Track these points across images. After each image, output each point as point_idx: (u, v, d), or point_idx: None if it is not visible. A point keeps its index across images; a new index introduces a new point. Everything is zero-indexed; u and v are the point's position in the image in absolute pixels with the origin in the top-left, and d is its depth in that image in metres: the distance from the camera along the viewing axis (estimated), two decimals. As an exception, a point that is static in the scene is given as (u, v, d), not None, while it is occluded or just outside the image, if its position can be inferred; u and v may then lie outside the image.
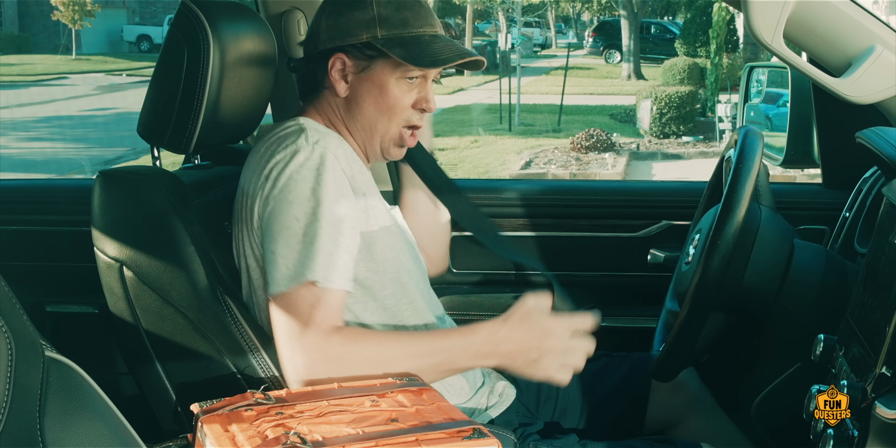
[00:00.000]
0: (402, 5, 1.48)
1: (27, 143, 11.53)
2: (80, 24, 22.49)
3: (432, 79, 1.53)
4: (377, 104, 1.49)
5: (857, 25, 1.29)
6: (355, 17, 1.47)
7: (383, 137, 1.52)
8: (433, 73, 1.51)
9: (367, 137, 1.53)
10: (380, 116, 1.50)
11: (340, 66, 1.49)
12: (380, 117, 1.50)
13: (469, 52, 1.50)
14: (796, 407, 1.18)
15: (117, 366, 2.08)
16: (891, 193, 1.26)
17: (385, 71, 1.47)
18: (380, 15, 1.46)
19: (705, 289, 1.38)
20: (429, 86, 1.52)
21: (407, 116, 1.51)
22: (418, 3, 1.50)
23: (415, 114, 1.52)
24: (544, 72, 20.59)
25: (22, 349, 0.85)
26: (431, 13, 1.51)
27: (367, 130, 1.52)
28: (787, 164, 2.19)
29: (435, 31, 1.50)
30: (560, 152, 10.54)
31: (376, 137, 1.52)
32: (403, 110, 1.50)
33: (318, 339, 1.33)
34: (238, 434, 1.12)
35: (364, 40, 1.46)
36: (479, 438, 1.10)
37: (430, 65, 1.46)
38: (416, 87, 1.50)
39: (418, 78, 1.50)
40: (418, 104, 1.51)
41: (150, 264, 1.49)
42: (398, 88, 1.48)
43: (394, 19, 1.46)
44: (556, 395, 1.76)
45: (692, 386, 1.78)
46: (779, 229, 1.51)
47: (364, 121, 1.51)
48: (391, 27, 1.46)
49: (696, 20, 17.76)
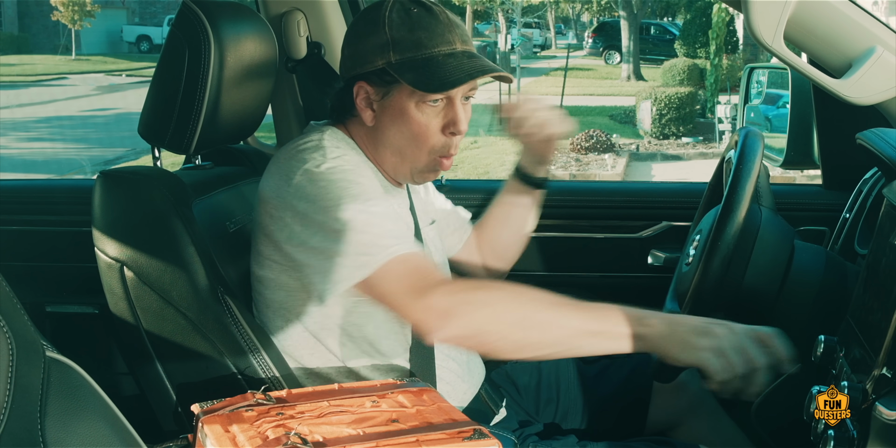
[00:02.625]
0: (416, 26, 1.39)
1: (27, 143, 11.53)
2: (79, 24, 22.51)
3: (463, 96, 1.44)
4: (402, 132, 1.42)
5: (858, 27, 1.29)
6: (370, 42, 1.40)
7: (413, 165, 1.46)
8: (457, 92, 1.42)
9: (397, 164, 1.47)
10: (407, 144, 1.43)
11: (364, 94, 1.43)
12: (407, 145, 1.43)
13: (484, 68, 1.40)
14: (797, 408, 1.18)
15: (118, 366, 2.08)
16: (891, 194, 1.26)
17: (403, 97, 1.40)
18: (393, 38, 1.39)
19: (706, 289, 1.38)
20: (456, 107, 1.42)
21: (436, 144, 1.43)
22: (434, 20, 1.40)
23: (446, 140, 1.43)
24: (544, 73, 20.57)
25: (23, 349, 0.85)
26: (451, 27, 1.41)
27: (396, 157, 1.46)
28: (787, 165, 2.20)
29: (452, 47, 1.40)
30: (559, 153, 10.54)
31: (406, 165, 1.46)
32: (431, 137, 1.42)
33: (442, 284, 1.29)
34: (239, 434, 1.12)
35: (380, 66, 1.40)
36: (479, 439, 1.10)
37: (438, 89, 1.37)
38: (442, 111, 1.42)
39: (441, 100, 1.41)
40: (447, 128, 1.42)
41: (150, 264, 1.49)
42: (421, 114, 1.41)
43: (407, 42, 1.39)
44: (556, 398, 1.76)
45: (693, 387, 1.78)
46: (779, 230, 1.51)
47: (392, 149, 1.45)
48: (404, 50, 1.38)
49: (696, 21, 17.76)
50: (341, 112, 1.50)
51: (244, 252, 1.67)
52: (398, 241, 1.33)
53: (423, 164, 1.46)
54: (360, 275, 1.32)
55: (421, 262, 1.33)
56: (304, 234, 1.36)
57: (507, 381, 1.77)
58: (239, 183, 1.80)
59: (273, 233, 1.41)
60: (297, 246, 1.37)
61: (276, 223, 1.40)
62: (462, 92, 1.42)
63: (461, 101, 1.43)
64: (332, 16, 2.18)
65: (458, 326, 1.26)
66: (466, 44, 1.43)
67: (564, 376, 1.78)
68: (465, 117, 1.44)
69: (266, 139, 2.36)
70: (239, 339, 1.48)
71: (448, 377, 1.56)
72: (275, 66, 1.78)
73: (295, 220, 1.37)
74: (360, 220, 1.33)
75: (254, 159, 1.93)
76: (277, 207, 1.39)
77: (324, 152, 1.40)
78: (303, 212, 1.36)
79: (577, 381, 1.77)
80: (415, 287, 1.29)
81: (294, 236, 1.37)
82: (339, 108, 1.50)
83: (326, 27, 2.18)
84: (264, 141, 2.35)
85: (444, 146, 1.44)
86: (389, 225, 1.36)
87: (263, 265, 1.47)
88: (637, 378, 1.77)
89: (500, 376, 1.77)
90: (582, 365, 1.80)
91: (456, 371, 1.58)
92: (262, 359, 1.48)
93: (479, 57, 1.43)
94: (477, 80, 1.41)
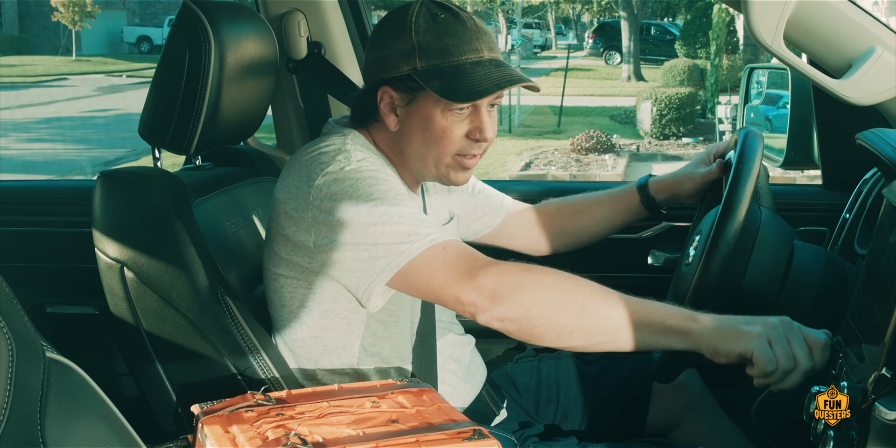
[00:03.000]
0: (443, 32, 1.38)
1: (27, 144, 11.54)
2: (80, 25, 22.52)
3: (489, 104, 1.43)
4: (425, 138, 1.42)
5: (858, 27, 1.29)
6: (396, 47, 1.39)
7: (437, 165, 1.44)
8: (483, 101, 1.40)
9: (421, 167, 1.46)
10: (430, 149, 1.42)
11: (388, 100, 1.43)
12: (430, 150, 1.43)
13: (511, 78, 1.39)
14: (797, 408, 1.18)
15: (118, 367, 2.08)
16: (891, 195, 1.26)
17: (429, 104, 1.39)
18: (419, 45, 1.38)
19: (705, 289, 1.38)
20: (482, 114, 1.41)
21: (459, 147, 1.42)
22: (462, 27, 1.39)
23: (469, 144, 1.43)
24: (544, 73, 20.57)
25: (23, 350, 0.85)
26: (478, 35, 1.40)
27: (420, 162, 1.45)
28: (787, 165, 2.19)
29: (480, 55, 1.39)
30: (560, 154, 10.55)
31: (430, 166, 1.45)
32: (455, 141, 1.41)
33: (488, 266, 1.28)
34: (239, 435, 1.12)
35: (405, 72, 1.39)
36: (479, 439, 1.10)
37: (465, 99, 1.36)
38: (468, 118, 1.41)
39: (467, 108, 1.40)
40: (472, 134, 1.42)
41: (150, 265, 1.49)
42: (446, 120, 1.40)
43: (433, 49, 1.37)
44: (556, 399, 1.76)
45: (693, 388, 1.78)
46: (779, 230, 1.51)
47: (416, 154, 1.44)
48: (430, 57, 1.37)
49: (696, 21, 17.78)
50: (364, 115, 1.49)
51: (244, 252, 1.68)
52: (435, 230, 1.33)
53: (445, 164, 1.45)
54: (399, 262, 1.30)
55: (462, 247, 1.32)
56: (332, 233, 1.35)
57: (508, 382, 1.77)
58: (239, 184, 1.80)
59: (293, 234, 1.40)
60: (324, 246, 1.36)
61: (298, 224, 1.38)
62: (488, 100, 1.41)
63: (487, 108, 1.43)
64: (332, 16, 2.18)
65: (506, 308, 1.25)
66: (493, 51, 1.42)
67: (564, 377, 1.78)
68: (490, 125, 1.42)
69: (266, 140, 2.36)
70: (239, 339, 1.48)
71: (450, 379, 1.56)
72: (275, 67, 1.78)
73: (319, 219, 1.36)
74: (393, 213, 1.32)
75: (254, 160, 1.93)
76: (298, 208, 1.38)
77: (347, 155, 1.40)
78: (328, 210, 1.35)
79: (576, 381, 1.77)
80: (463, 269, 1.28)
81: (319, 236, 1.36)
82: (363, 112, 1.48)
83: (326, 27, 2.18)
84: (264, 142, 2.35)
85: (466, 147, 1.43)
86: (421, 215, 1.36)
87: (280, 265, 1.46)
88: (637, 378, 1.77)
89: (500, 377, 1.77)
90: (582, 365, 1.80)
91: (458, 373, 1.58)
92: (261, 359, 1.48)
93: (506, 65, 1.42)
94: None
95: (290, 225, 1.40)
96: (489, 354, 2.11)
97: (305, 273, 1.43)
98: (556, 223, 1.77)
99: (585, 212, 1.76)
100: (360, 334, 1.47)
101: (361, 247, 1.33)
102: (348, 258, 1.35)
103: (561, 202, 1.79)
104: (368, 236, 1.32)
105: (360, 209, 1.33)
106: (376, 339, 1.48)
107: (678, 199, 1.75)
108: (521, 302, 1.24)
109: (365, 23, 2.26)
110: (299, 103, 2.26)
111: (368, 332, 1.47)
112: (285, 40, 2.14)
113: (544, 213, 1.78)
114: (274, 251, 1.46)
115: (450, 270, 1.29)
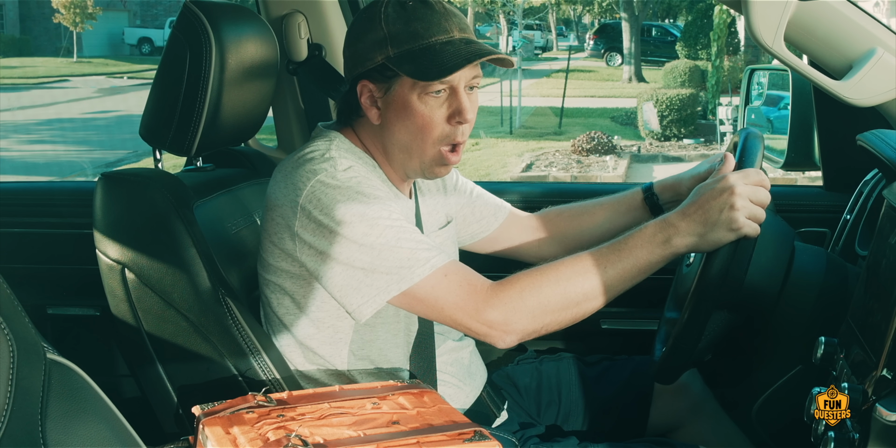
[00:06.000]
0: (411, 18, 1.38)
1: (28, 145, 11.55)
2: (81, 26, 22.53)
3: (467, 86, 1.42)
4: (407, 127, 1.41)
5: (858, 28, 1.29)
6: (368, 39, 1.40)
7: (422, 159, 1.44)
8: (460, 81, 1.40)
9: (405, 160, 1.46)
10: (413, 138, 1.42)
11: (368, 93, 1.43)
12: (413, 139, 1.42)
13: (481, 51, 1.38)
14: (797, 409, 1.18)
15: (119, 368, 2.08)
16: (891, 196, 1.26)
17: (405, 89, 1.39)
18: (390, 33, 1.38)
19: (706, 290, 1.38)
20: (460, 95, 1.40)
21: (442, 133, 1.41)
22: (430, 10, 1.39)
23: (451, 129, 1.41)
24: (545, 74, 20.59)
25: (24, 351, 0.85)
26: (447, 16, 1.40)
27: (404, 153, 1.45)
28: (787, 166, 2.20)
29: (451, 36, 1.39)
30: (561, 155, 10.55)
31: (414, 160, 1.45)
32: (436, 127, 1.40)
33: (490, 297, 1.32)
34: (239, 436, 1.12)
35: (379, 62, 1.39)
36: (480, 441, 1.10)
37: (437, 76, 1.35)
38: (446, 101, 1.40)
39: (444, 90, 1.40)
40: (452, 118, 1.41)
41: (151, 266, 1.49)
42: (424, 105, 1.39)
43: (404, 34, 1.38)
44: (558, 400, 1.76)
45: (695, 389, 1.78)
46: (780, 232, 1.51)
47: (399, 144, 1.44)
48: (401, 43, 1.38)
49: (697, 23, 17.78)
50: (348, 114, 1.49)
51: (245, 254, 1.68)
52: (433, 252, 1.35)
53: (430, 158, 1.44)
54: (399, 288, 1.33)
55: (461, 273, 1.35)
56: (320, 244, 1.35)
57: (508, 383, 1.77)
58: (240, 185, 1.81)
59: (279, 241, 1.41)
60: (312, 257, 1.37)
61: (286, 232, 1.39)
62: (464, 80, 1.40)
63: (465, 90, 1.42)
64: (333, 17, 2.18)
65: (522, 332, 1.34)
66: (464, 31, 1.42)
67: (565, 378, 1.78)
68: (470, 106, 1.41)
69: (267, 141, 2.36)
70: (240, 340, 1.48)
71: (451, 381, 1.56)
72: (276, 68, 1.78)
73: (308, 229, 1.36)
74: (390, 235, 1.34)
75: (255, 161, 1.93)
76: (284, 215, 1.38)
77: (333, 163, 1.40)
78: (318, 222, 1.35)
79: (577, 382, 1.77)
80: (468, 301, 1.33)
81: (304, 247, 1.37)
82: (346, 110, 1.49)
83: (327, 29, 2.18)
84: (265, 143, 2.35)
85: (449, 134, 1.42)
86: (419, 235, 1.37)
87: (269, 270, 1.46)
88: (638, 380, 1.77)
89: (500, 378, 1.77)
90: (583, 366, 1.80)
91: (458, 375, 1.58)
92: (262, 361, 1.48)
93: (477, 42, 1.41)
94: (478, 66, 1.40)
95: (276, 232, 1.41)
96: (489, 356, 2.11)
97: (293, 279, 1.44)
98: (557, 227, 1.77)
99: (587, 214, 1.75)
100: (347, 340, 1.48)
101: (355, 267, 1.34)
102: (338, 274, 1.35)
103: (562, 207, 1.79)
104: (363, 255, 1.33)
105: (355, 228, 1.33)
106: (364, 342, 1.48)
107: (681, 199, 1.74)
108: (531, 321, 1.33)
109: (366, 24, 2.26)
110: (300, 105, 2.27)
111: (357, 337, 1.48)
112: (286, 42, 2.14)
113: (544, 219, 1.78)
114: (262, 256, 1.47)
115: (456, 303, 1.33)
